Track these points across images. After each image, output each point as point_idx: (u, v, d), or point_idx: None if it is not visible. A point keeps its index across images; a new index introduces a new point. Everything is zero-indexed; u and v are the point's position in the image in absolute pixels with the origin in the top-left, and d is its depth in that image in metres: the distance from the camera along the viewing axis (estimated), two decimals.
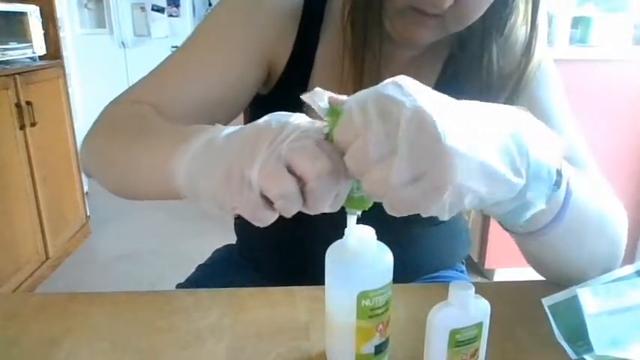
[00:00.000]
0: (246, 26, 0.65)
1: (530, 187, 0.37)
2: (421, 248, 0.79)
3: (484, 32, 0.63)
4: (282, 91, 0.69)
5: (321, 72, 0.67)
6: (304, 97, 0.39)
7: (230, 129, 0.40)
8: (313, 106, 0.38)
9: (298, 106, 0.68)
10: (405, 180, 0.33)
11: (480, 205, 0.36)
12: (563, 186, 0.41)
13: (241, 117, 0.73)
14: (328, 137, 0.37)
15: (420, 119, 0.32)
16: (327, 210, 0.37)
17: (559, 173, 0.40)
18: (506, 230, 0.50)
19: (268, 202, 0.36)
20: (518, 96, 0.64)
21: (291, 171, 0.35)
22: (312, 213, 0.37)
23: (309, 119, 0.38)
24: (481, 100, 0.37)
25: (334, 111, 0.38)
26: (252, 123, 0.38)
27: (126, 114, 0.58)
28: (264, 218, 0.37)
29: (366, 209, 0.41)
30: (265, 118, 0.38)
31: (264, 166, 0.35)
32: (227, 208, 0.37)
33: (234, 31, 0.64)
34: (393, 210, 0.35)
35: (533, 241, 0.46)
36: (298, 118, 0.38)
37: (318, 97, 0.38)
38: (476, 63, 0.64)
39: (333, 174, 0.35)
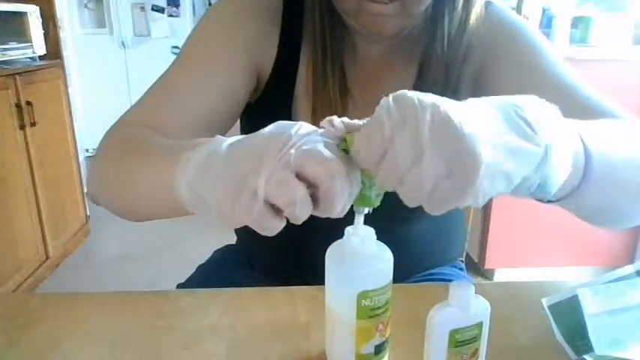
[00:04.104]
0: (232, 39, 0.66)
1: (548, 153, 0.36)
2: (418, 244, 0.79)
3: (438, 5, 0.65)
4: (269, 96, 0.70)
5: (306, 73, 0.68)
6: (323, 123, 0.39)
7: (231, 139, 0.39)
8: (327, 133, 0.38)
9: (286, 111, 0.70)
10: (438, 179, 0.33)
11: (509, 186, 0.36)
12: (580, 147, 0.40)
13: (237, 126, 0.73)
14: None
15: (436, 117, 0.33)
16: (336, 215, 0.37)
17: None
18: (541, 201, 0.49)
19: (275, 211, 0.36)
20: (467, 55, 0.66)
21: (300, 177, 0.35)
22: (323, 216, 0.37)
23: (314, 127, 0.38)
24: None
25: (350, 137, 0.37)
26: (256, 132, 0.38)
27: (125, 137, 0.58)
28: (271, 227, 0.36)
29: (375, 207, 0.41)
30: (269, 127, 0.38)
31: (272, 174, 0.34)
32: (233, 220, 0.37)
33: (220, 46, 0.65)
34: (434, 210, 0.35)
35: (570, 205, 0.45)
36: (303, 127, 0.37)
37: (335, 123, 0.38)
38: (438, 37, 0.66)
39: (345, 174, 0.35)
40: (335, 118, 0.38)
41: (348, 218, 0.43)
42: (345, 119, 0.39)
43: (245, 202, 0.35)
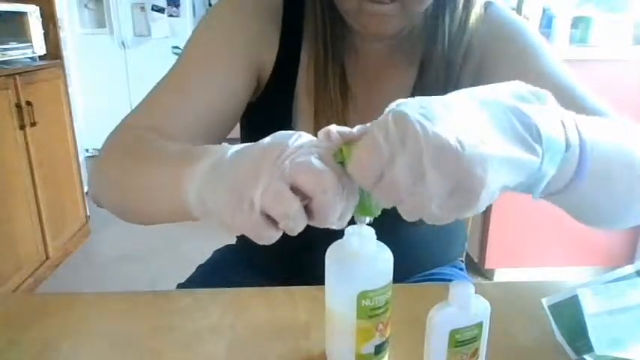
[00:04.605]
0: (232, 39, 0.66)
1: (544, 160, 0.37)
2: (419, 244, 0.79)
3: (438, 5, 0.65)
4: (269, 96, 0.69)
5: (306, 73, 0.68)
6: (319, 134, 0.39)
7: (235, 147, 0.40)
8: (321, 143, 0.38)
9: (287, 111, 0.70)
10: (441, 200, 0.34)
11: (502, 192, 0.36)
12: (575, 141, 0.40)
13: (236, 128, 0.73)
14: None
15: (437, 142, 0.33)
16: (335, 225, 0.37)
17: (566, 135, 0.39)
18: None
19: (272, 222, 0.36)
20: (468, 56, 0.66)
21: (295, 189, 0.35)
22: (320, 227, 0.37)
23: (312, 137, 0.38)
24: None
25: (347, 148, 0.37)
26: (255, 143, 0.38)
27: (129, 141, 0.58)
28: (268, 238, 0.37)
29: (376, 216, 0.41)
30: (268, 138, 0.38)
31: (267, 186, 0.35)
32: (233, 228, 0.37)
33: (221, 46, 0.65)
34: (434, 222, 0.36)
35: (560, 200, 0.45)
36: (301, 137, 0.37)
37: (332, 136, 0.38)
38: (439, 37, 0.66)
39: (339, 187, 0.35)
40: (332, 130, 0.38)
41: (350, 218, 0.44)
42: (343, 129, 0.38)
43: (243, 212, 0.35)
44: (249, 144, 0.39)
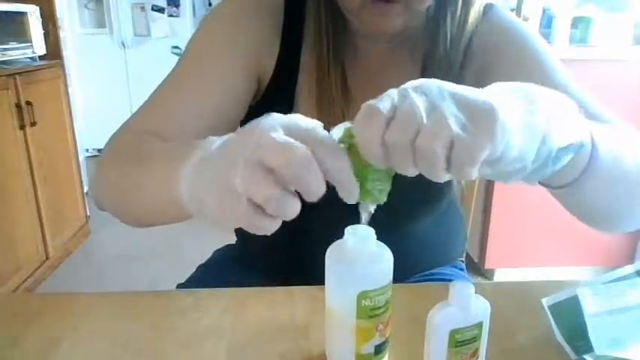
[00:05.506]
0: (233, 40, 0.66)
1: (552, 129, 0.37)
2: (419, 244, 0.79)
3: (439, 5, 0.66)
4: (270, 97, 0.70)
5: (307, 76, 0.68)
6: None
7: (223, 138, 0.39)
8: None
9: (288, 112, 0.69)
10: (453, 133, 0.33)
11: (520, 163, 0.37)
12: (587, 132, 0.41)
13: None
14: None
15: (447, 85, 0.36)
16: (339, 192, 0.36)
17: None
18: (546, 187, 0.49)
19: (261, 209, 0.35)
20: (469, 55, 0.67)
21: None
22: (313, 200, 0.35)
23: (282, 116, 0.37)
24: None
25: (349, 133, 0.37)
26: (236, 131, 0.38)
27: (130, 144, 0.58)
28: (262, 226, 0.35)
29: (381, 202, 0.40)
30: (248, 125, 0.37)
31: (244, 173, 0.34)
32: (223, 221, 0.36)
33: (222, 47, 0.65)
34: (459, 173, 0.34)
35: (572, 192, 0.46)
36: (270, 116, 0.37)
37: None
38: (440, 37, 0.66)
39: (306, 155, 0.34)
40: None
41: (350, 217, 0.44)
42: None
43: (230, 202, 0.34)
44: (229, 135, 0.38)
